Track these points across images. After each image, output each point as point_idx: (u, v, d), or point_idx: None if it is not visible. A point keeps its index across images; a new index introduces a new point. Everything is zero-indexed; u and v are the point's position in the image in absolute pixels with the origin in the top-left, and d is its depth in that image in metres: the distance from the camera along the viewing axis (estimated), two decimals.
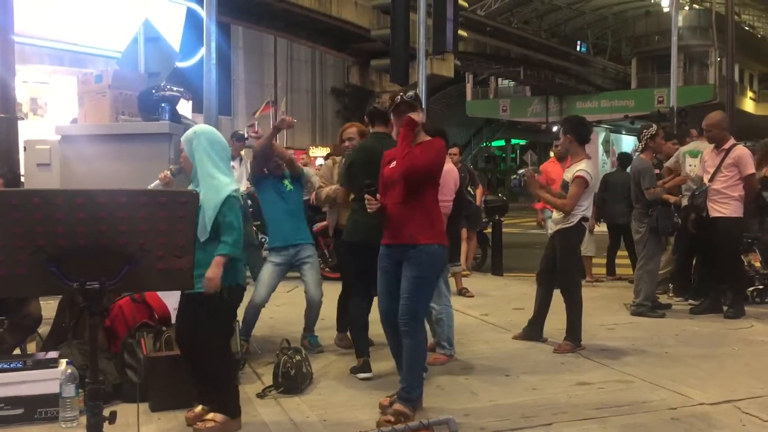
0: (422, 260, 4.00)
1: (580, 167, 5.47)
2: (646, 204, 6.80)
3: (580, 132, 5.65)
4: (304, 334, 5.61)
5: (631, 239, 7.70)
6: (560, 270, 5.63)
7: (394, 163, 4.07)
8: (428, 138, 4.18)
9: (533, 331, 5.85)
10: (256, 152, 5.57)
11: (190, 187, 3.78)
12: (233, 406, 3.81)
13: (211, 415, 3.76)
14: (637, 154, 7.16)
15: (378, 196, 4.05)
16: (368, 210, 4.05)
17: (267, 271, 5.46)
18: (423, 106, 4.41)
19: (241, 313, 5.35)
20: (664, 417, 4.03)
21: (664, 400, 4.31)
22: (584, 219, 5.55)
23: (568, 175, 5.57)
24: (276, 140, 5.57)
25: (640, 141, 7.16)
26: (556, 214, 5.67)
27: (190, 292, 3.54)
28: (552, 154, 8.98)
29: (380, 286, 4.20)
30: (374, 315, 4.62)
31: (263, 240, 8.39)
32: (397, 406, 3.92)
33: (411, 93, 4.19)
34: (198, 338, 3.74)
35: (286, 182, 5.50)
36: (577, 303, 5.60)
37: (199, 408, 3.85)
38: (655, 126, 7.13)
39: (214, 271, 3.59)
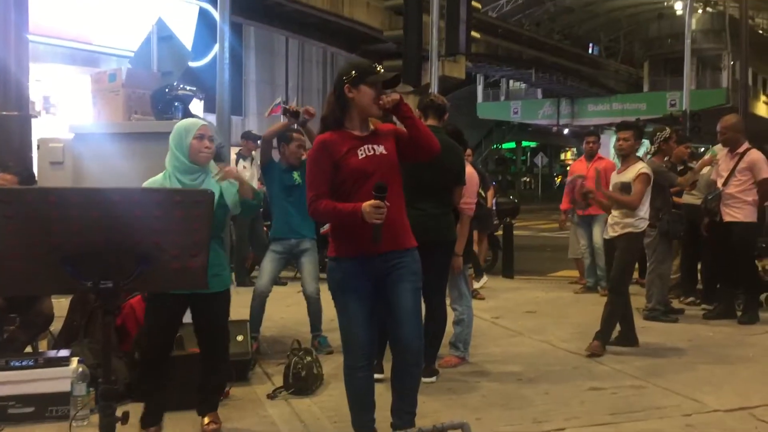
0: (418, 267, 3.43)
1: (642, 166, 5.58)
2: (657, 207, 6.75)
3: (642, 137, 5.81)
4: (313, 334, 5.59)
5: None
6: (615, 270, 5.59)
7: (379, 147, 3.31)
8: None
9: (626, 340, 5.72)
10: (266, 136, 5.55)
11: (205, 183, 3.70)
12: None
13: (211, 416, 3.76)
14: (649, 156, 7.12)
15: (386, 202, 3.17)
16: (375, 220, 3.12)
17: (268, 260, 5.53)
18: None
19: (246, 310, 5.38)
20: (678, 423, 3.99)
21: (678, 405, 4.27)
22: (650, 226, 5.66)
23: (629, 175, 5.56)
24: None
25: (652, 143, 7.11)
26: (618, 218, 5.59)
27: (202, 292, 3.41)
28: (584, 151, 8.72)
29: (361, 315, 3.35)
30: None
31: None
32: None
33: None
34: (221, 339, 3.78)
35: (296, 174, 5.49)
36: (619, 307, 5.56)
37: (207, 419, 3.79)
38: (668, 129, 7.09)
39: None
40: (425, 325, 4.73)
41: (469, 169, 5.24)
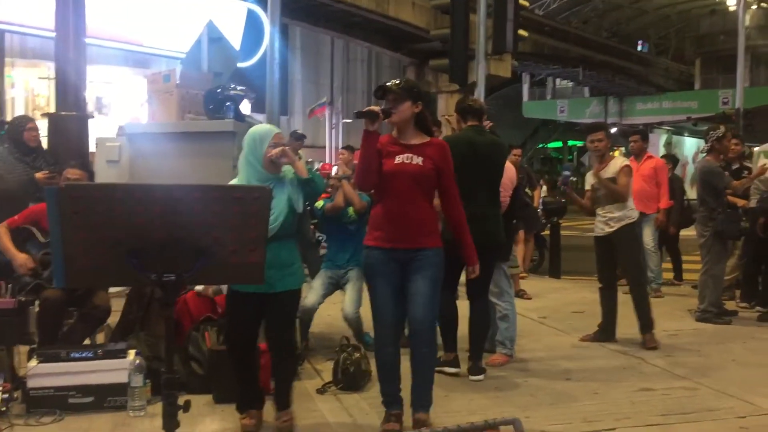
0: (439, 260, 3.79)
1: (622, 161, 5.82)
2: (711, 207, 6.63)
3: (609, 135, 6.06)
4: (357, 337, 5.61)
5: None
6: (631, 264, 5.79)
7: (416, 158, 3.74)
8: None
9: (605, 334, 5.83)
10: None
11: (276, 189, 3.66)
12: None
13: (285, 412, 3.82)
14: (702, 155, 6.98)
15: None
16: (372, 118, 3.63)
17: (319, 281, 5.61)
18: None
19: None
20: (732, 426, 3.93)
21: (731, 408, 4.20)
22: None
23: (611, 170, 5.68)
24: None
25: (706, 142, 6.98)
26: (610, 214, 5.69)
27: (276, 291, 3.61)
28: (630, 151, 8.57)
29: (387, 296, 3.75)
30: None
31: (320, 238, 8.50)
32: (422, 415, 3.76)
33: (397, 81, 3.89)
34: (287, 336, 3.82)
35: (350, 210, 5.59)
36: (645, 296, 5.81)
37: (251, 411, 3.82)
38: (723, 128, 6.93)
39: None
40: (470, 327, 4.82)
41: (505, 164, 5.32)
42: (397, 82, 3.86)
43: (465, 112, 4.92)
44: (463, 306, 4.86)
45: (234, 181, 3.77)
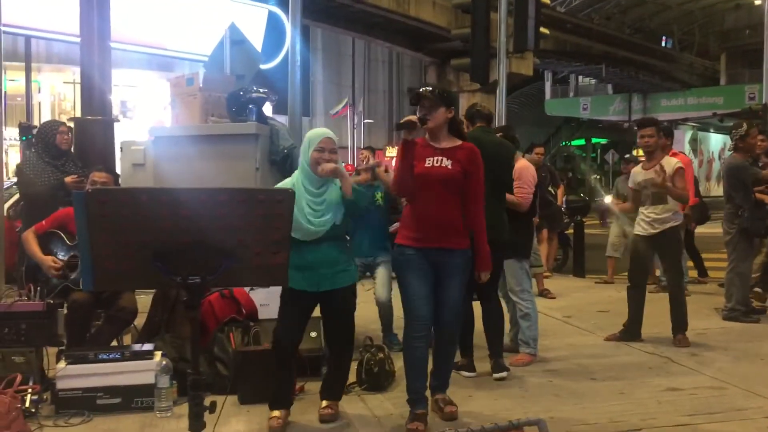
0: (467, 265, 3.93)
1: (676, 161, 5.71)
2: (737, 204, 6.55)
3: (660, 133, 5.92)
4: (384, 334, 5.65)
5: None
6: (672, 266, 5.81)
7: (446, 161, 3.83)
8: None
9: (630, 334, 5.78)
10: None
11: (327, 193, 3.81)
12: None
13: (330, 403, 3.97)
14: (728, 153, 6.90)
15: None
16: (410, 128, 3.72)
17: None
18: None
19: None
20: (760, 426, 3.87)
21: (760, 407, 4.14)
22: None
23: (668, 168, 5.53)
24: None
25: (732, 141, 6.90)
26: (655, 215, 5.62)
27: (329, 289, 3.77)
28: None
29: (420, 291, 3.83)
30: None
31: None
32: (441, 395, 4.05)
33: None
34: (349, 330, 3.96)
35: (378, 195, 5.59)
36: (683, 296, 5.83)
37: (279, 412, 3.85)
38: (745, 125, 6.82)
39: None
40: (485, 327, 4.86)
41: (523, 164, 5.29)
42: (430, 88, 3.94)
43: (474, 117, 5.03)
44: (476, 306, 4.86)
45: (289, 180, 3.91)
